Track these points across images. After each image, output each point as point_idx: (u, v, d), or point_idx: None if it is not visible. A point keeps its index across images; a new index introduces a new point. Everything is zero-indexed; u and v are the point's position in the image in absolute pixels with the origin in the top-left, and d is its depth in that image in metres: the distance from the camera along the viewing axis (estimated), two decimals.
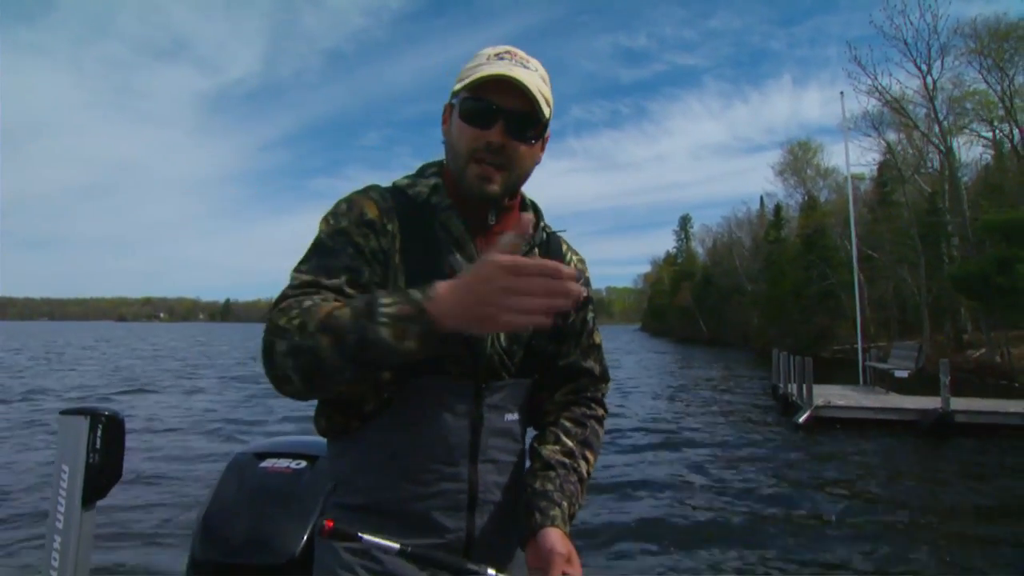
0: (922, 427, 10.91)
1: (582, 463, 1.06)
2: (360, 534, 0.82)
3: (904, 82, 25.68)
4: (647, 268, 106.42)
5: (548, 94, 0.96)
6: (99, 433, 1.17)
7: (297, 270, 0.90)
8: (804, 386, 12.02)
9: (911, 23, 24.22)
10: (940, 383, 10.99)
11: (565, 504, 0.98)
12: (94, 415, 1.17)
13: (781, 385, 14.37)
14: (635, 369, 26.46)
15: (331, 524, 0.82)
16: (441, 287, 0.75)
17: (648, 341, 64.97)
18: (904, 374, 13.60)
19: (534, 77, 0.93)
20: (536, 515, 0.96)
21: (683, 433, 11.22)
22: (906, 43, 24.19)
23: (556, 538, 0.92)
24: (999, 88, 23.85)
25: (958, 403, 11.16)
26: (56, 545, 1.16)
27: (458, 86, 0.94)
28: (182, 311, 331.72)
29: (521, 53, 0.96)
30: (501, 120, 0.91)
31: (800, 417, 11.51)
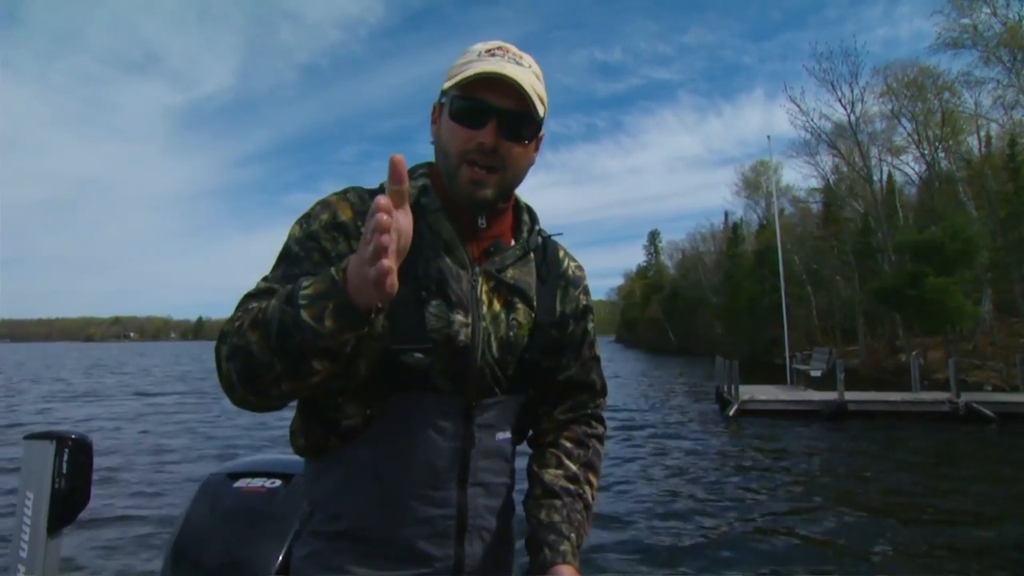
0: (824, 414, 13.70)
1: (587, 488, 1.02)
2: None
3: (835, 117, 29.20)
4: (621, 281, 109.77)
5: (542, 91, 0.92)
6: (66, 457, 1.15)
7: (263, 279, 0.89)
8: (732, 385, 14.75)
9: (835, 68, 27.65)
10: (836, 379, 13.88)
11: (573, 536, 0.95)
12: (60, 439, 1.17)
13: (720, 385, 17.08)
14: (608, 373, 28.92)
15: None
16: (349, 259, 0.73)
17: (621, 352, 67.59)
18: (818, 373, 16.50)
19: (527, 74, 0.89)
20: (545, 551, 0.92)
21: (637, 421, 13.83)
22: (832, 84, 27.72)
23: None
24: (911, 125, 27.44)
25: (851, 395, 14.01)
26: (20, 575, 1.12)
27: (447, 84, 0.90)
28: (152, 330, 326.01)
29: (514, 49, 0.93)
30: (494, 120, 0.88)
31: (730, 410, 14.22)
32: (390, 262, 0.66)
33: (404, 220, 0.72)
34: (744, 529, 6.31)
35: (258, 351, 0.77)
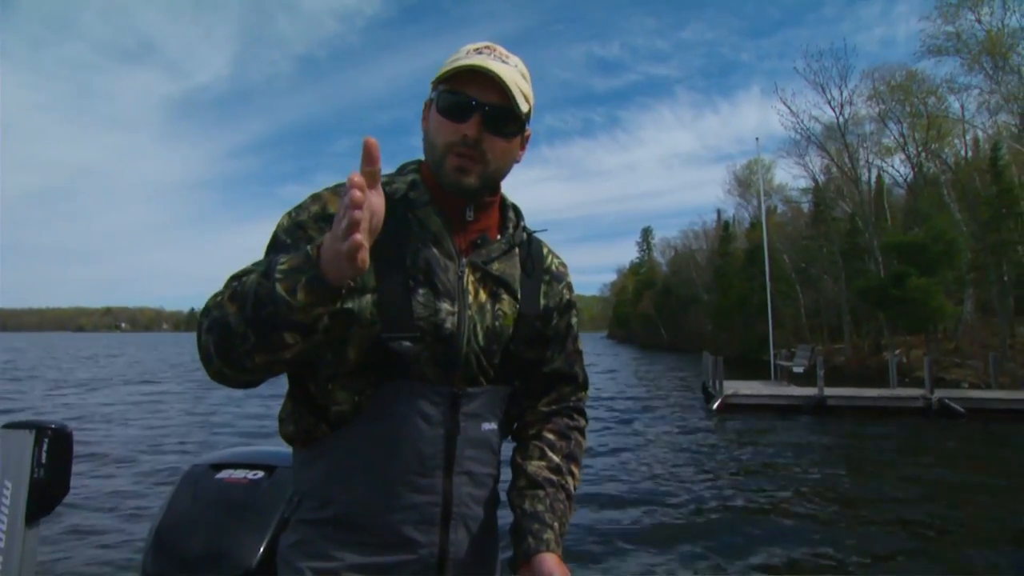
0: (804, 409, 14.24)
1: (569, 479, 1.05)
2: None
3: (824, 119, 29.73)
4: (614, 277, 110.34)
5: (527, 89, 0.96)
6: (45, 447, 1.16)
7: (252, 263, 0.90)
8: (716, 380, 15.26)
9: (824, 70, 28.14)
10: (816, 375, 14.42)
11: (556, 525, 0.98)
12: (40, 428, 1.17)
13: (706, 380, 17.60)
14: (600, 368, 29.63)
15: None
16: (325, 236, 0.76)
17: (613, 347, 68.20)
18: (800, 369, 17.06)
19: (512, 72, 0.93)
20: (529, 539, 0.95)
21: (624, 412, 14.34)
22: (822, 87, 28.24)
23: (552, 564, 0.92)
24: (897, 128, 28.02)
25: (831, 391, 14.57)
26: None
27: (436, 79, 0.95)
28: (144, 321, 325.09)
29: (501, 49, 0.96)
30: (477, 114, 0.91)
31: (714, 404, 14.72)
32: (362, 237, 0.70)
33: (376, 200, 0.76)
34: (713, 516, 6.67)
35: (234, 322, 0.80)
